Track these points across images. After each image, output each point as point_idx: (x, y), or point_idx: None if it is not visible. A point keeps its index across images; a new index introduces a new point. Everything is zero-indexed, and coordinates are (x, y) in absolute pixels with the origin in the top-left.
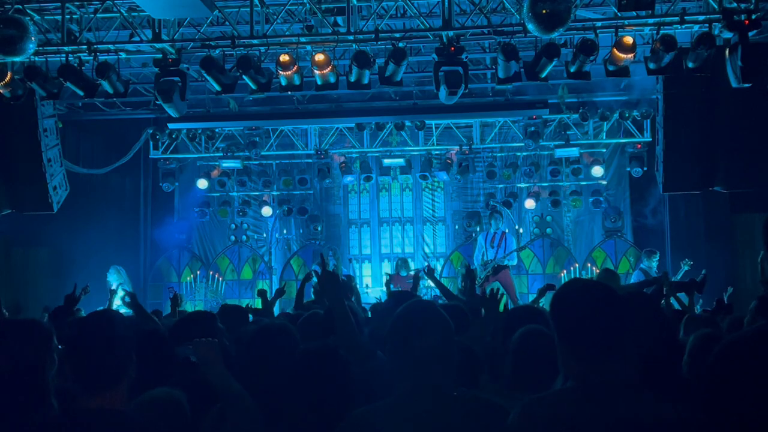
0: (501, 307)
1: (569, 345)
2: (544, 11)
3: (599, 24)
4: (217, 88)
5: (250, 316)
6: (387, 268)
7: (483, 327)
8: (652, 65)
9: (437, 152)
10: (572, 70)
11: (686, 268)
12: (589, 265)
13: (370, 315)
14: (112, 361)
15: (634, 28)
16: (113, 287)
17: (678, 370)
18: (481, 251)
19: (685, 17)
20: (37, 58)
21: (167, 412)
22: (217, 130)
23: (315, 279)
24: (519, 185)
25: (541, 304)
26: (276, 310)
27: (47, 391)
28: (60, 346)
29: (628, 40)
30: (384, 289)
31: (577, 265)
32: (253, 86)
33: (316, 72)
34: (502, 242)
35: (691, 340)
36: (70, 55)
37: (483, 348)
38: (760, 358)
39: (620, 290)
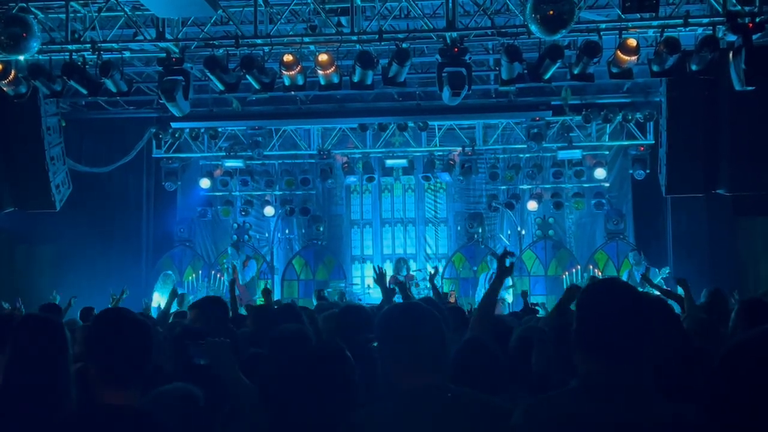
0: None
1: (580, 343)
2: (546, 13)
3: (603, 26)
4: (221, 87)
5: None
6: (389, 268)
7: None
8: (655, 67)
9: (440, 153)
10: (576, 71)
11: (664, 275)
12: (591, 267)
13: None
14: (142, 356)
15: (637, 30)
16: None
17: (691, 376)
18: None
19: (689, 20)
20: (40, 57)
21: (179, 407)
22: (220, 129)
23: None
24: (521, 187)
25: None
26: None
27: (65, 387)
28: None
29: (632, 42)
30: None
31: (579, 267)
32: (256, 86)
33: (320, 72)
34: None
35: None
36: (73, 53)
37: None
38: (766, 360)
39: None
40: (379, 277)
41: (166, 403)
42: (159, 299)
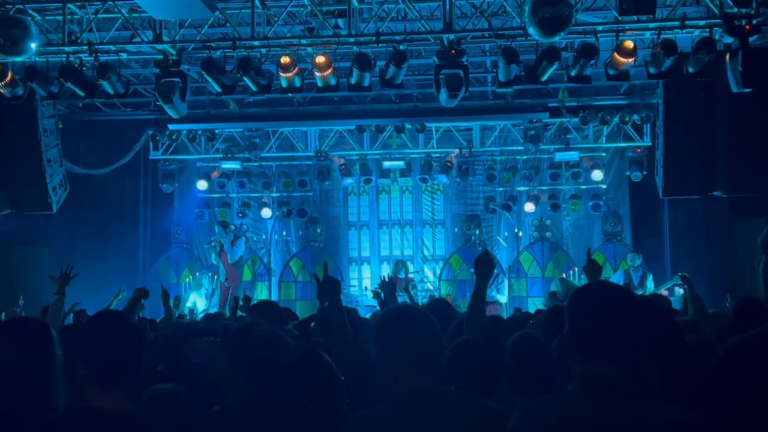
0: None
1: (575, 344)
2: (545, 15)
3: (600, 28)
4: (218, 89)
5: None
6: (386, 270)
7: None
8: (652, 69)
9: (437, 155)
10: (573, 73)
11: (676, 281)
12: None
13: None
14: (134, 360)
15: (634, 32)
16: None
17: (686, 376)
18: None
19: (686, 22)
20: (37, 58)
21: (169, 407)
22: (217, 131)
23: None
24: (518, 189)
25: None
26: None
27: (53, 389)
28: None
29: (629, 44)
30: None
31: (576, 268)
32: (253, 88)
33: (317, 74)
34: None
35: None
36: (70, 55)
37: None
38: (764, 361)
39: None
40: (388, 286)
41: (156, 404)
42: (195, 298)
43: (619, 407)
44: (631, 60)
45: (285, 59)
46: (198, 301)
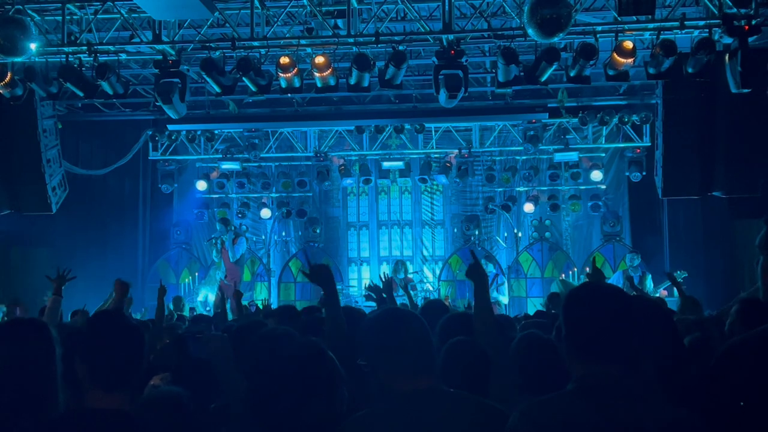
0: None
1: (573, 345)
2: (544, 16)
3: (599, 28)
4: (217, 89)
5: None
6: (385, 269)
7: None
8: (651, 70)
9: (436, 155)
10: (572, 74)
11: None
12: (587, 269)
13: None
14: (135, 361)
15: (634, 32)
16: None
17: (684, 376)
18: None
19: (685, 22)
20: (37, 59)
21: (167, 411)
22: (216, 131)
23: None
24: (518, 189)
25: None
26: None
27: (53, 390)
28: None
29: (628, 44)
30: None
31: (575, 269)
32: (253, 88)
33: (316, 74)
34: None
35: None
36: (70, 55)
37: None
38: (762, 361)
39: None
40: (386, 287)
41: (156, 406)
42: (206, 293)
43: (618, 407)
44: (630, 60)
45: (284, 60)
46: (210, 296)
